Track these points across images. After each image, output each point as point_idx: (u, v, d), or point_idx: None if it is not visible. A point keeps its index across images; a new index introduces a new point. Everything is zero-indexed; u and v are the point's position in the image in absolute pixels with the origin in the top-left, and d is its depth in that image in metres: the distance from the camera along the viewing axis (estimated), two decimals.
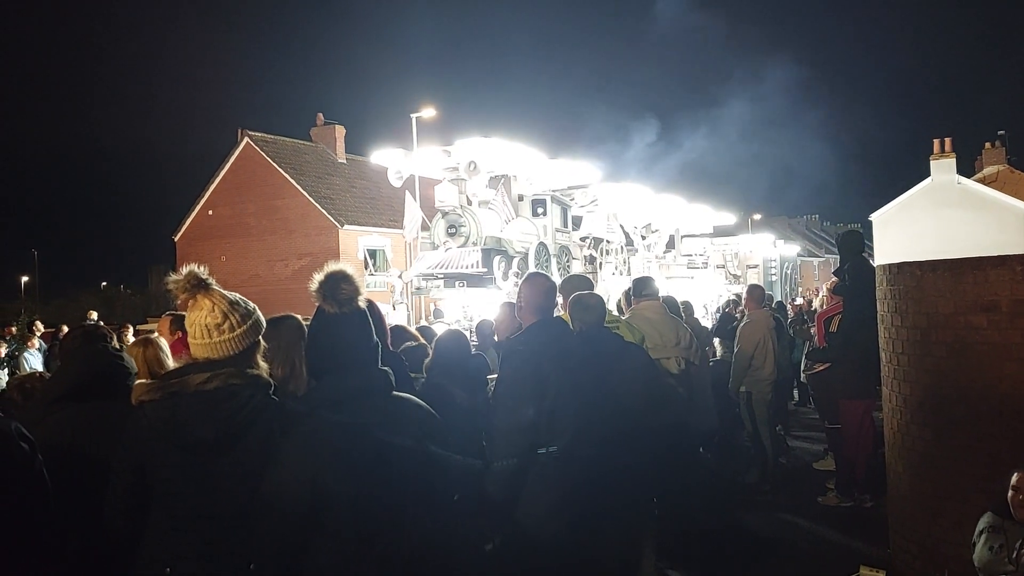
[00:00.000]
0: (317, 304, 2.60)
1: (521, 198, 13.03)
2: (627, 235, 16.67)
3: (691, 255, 21.19)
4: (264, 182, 30.81)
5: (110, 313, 33.12)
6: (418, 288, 12.28)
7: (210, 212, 32.41)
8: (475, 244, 11.35)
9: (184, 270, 2.58)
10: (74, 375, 3.04)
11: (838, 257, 8.02)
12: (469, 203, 11.88)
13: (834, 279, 8.49)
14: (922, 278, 4.88)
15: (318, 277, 2.61)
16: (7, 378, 10.80)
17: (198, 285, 2.56)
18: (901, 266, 5.05)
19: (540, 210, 13.28)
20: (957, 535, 4.49)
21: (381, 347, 2.71)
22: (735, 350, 8.22)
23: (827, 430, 8.21)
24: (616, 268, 15.38)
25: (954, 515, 4.63)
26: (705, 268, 21.46)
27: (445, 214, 11.63)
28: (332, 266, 2.65)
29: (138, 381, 2.52)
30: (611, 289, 12.02)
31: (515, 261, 11.98)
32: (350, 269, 2.65)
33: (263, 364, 2.62)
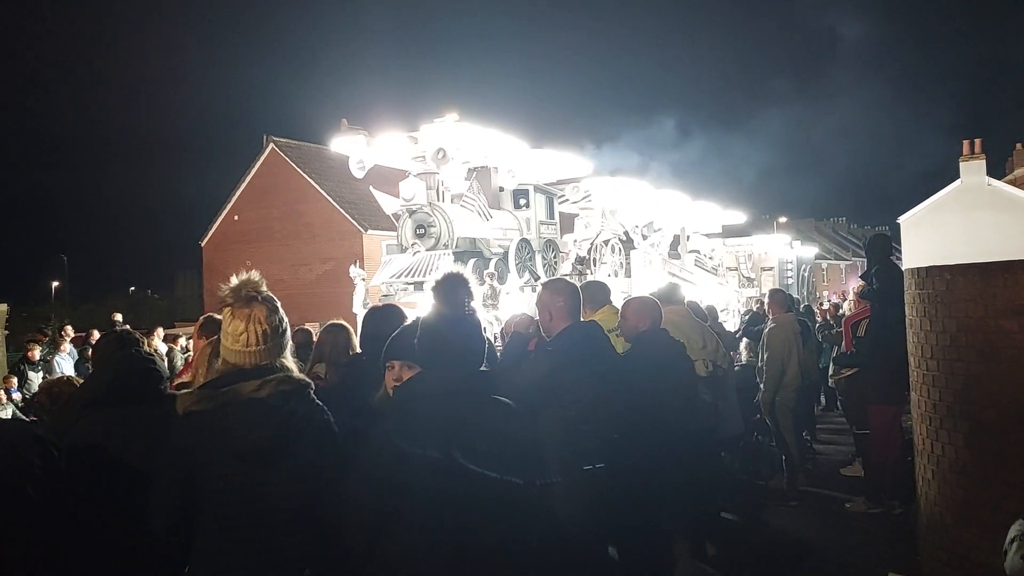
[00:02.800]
0: (434, 301, 2.67)
1: (502, 189, 11.84)
2: (627, 233, 15.68)
3: (697, 251, 20.16)
4: (289, 187, 31.05)
5: (138, 317, 33.51)
6: (385, 295, 11.06)
7: (236, 217, 32.71)
8: (446, 246, 10.24)
9: (241, 276, 2.60)
10: (108, 379, 3.05)
11: (865, 260, 7.93)
12: (440, 199, 10.69)
13: (861, 283, 8.40)
14: (952, 282, 4.82)
15: (435, 276, 2.69)
16: (39, 381, 10.94)
17: (256, 293, 2.58)
18: (930, 270, 4.99)
19: (523, 201, 12.01)
20: (988, 542, 4.42)
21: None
22: (763, 357, 8.10)
23: (855, 435, 8.13)
24: (613, 269, 14.32)
25: (985, 522, 4.56)
26: (715, 273, 20.52)
27: (412, 212, 10.51)
28: (450, 268, 2.74)
29: (183, 391, 2.52)
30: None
31: (492, 263, 10.86)
32: (467, 272, 2.73)
33: (294, 363, 2.64)
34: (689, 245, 19.92)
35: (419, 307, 10.48)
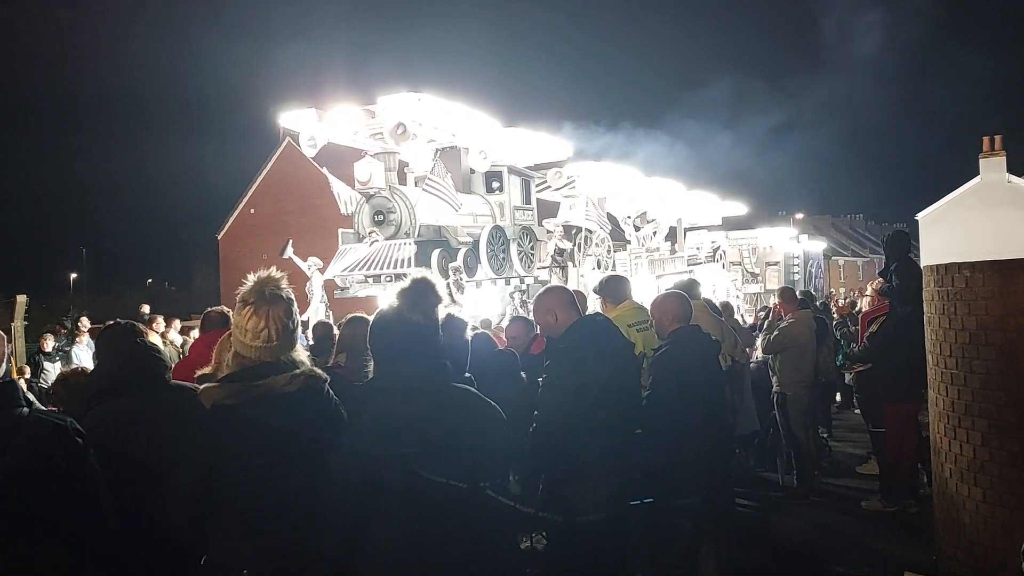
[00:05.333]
0: (396, 303, 2.67)
1: (472, 171, 10.82)
2: (616, 224, 14.83)
3: (694, 249, 19.07)
4: (304, 181, 31.14)
5: (155, 309, 33.68)
6: (343, 289, 10.20)
7: (252, 211, 32.91)
8: (408, 235, 9.29)
9: (261, 274, 2.62)
10: (113, 370, 3.10)
11: (884, 258, 7.86)
12: (402, 181, 9.78)
13: (880, 280, 8.33)
14: (971, 279, 4.77)
15: (403, 284, 2.69)
16: (56, 372, 11.03)
17: (279, 291, 2.60)
18: (949, 267, 4.93)
19: (496, 184, 10.95)
20: (1006, 543, 4.38)
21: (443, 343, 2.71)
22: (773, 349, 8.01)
23: (871, 433, 8.07)
24: (599, 262, 13.35)
25: (1003, 522, 4.51)
26: (711, 262, 19.21)
27: (369, 197, 9.64)
28: (417, 273, 2.75)
29: (206, 385, 2.51)
30: (591, 286, 9.07)
31: (460, 254, 9.77)
32: (433, 277, 2.73)
33: (306, 356, 2.65)
34: (688, 240, 19.04)
35: (378, 302, 9.36)
